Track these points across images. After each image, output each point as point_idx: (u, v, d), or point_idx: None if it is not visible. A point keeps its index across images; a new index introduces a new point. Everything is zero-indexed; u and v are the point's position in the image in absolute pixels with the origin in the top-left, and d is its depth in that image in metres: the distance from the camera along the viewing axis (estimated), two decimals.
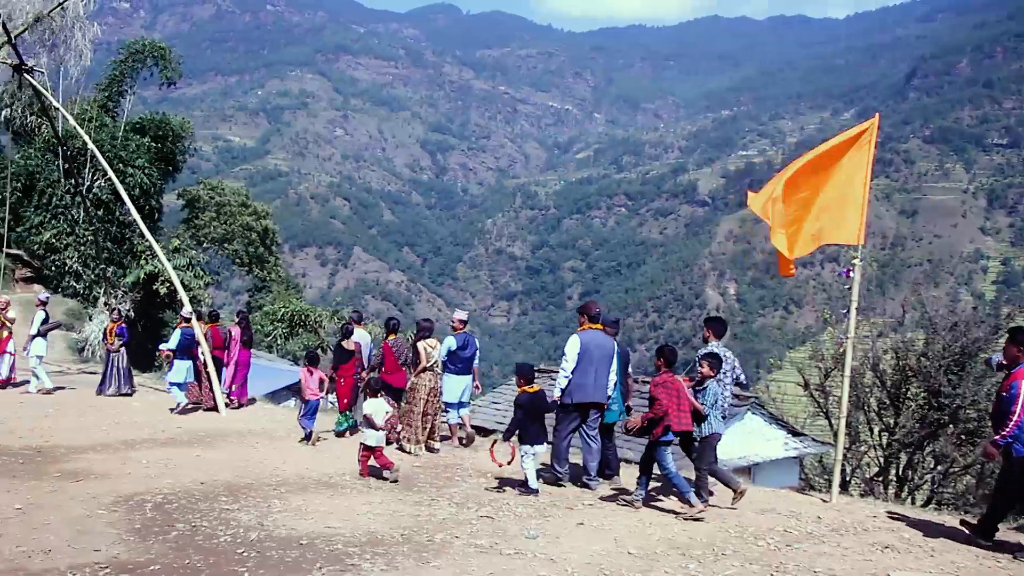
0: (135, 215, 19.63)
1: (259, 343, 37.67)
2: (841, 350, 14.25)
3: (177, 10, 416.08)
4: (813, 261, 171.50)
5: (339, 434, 13.81)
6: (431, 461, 12.15)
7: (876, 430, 16.89)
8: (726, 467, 11.46)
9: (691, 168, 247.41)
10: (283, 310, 40.50)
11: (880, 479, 16.70)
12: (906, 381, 16.46)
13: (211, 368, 15.87)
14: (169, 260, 22.69)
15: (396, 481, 10.47)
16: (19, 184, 37.46)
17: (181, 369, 15.71)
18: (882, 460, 16.73)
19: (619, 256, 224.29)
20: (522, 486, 10.09)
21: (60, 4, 20.31)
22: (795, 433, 18.70)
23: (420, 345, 12.54)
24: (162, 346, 17.03)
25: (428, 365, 12.54)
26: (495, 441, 10.67)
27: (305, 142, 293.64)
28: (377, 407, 10.96)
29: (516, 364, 10.75)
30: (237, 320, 17.18)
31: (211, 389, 15.95)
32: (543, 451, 10.20)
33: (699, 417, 9.32)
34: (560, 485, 10.53)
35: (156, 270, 35.68)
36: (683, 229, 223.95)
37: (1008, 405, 7.96)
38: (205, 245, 48.16)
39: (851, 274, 10.18)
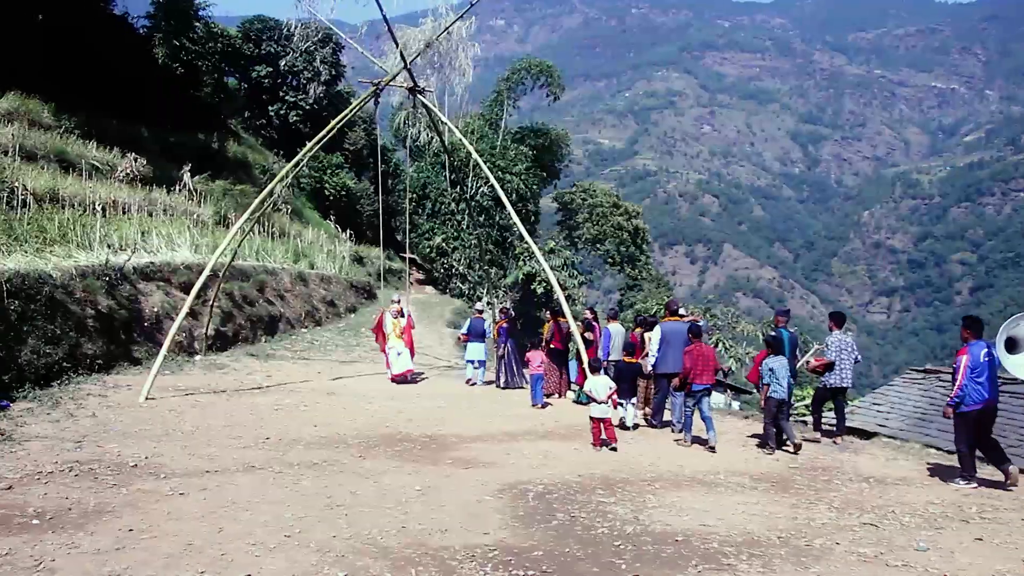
0: (515, 219, 20.70)
1: None
2: None
3: (547, 22, 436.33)
4: None
5: (576, 403, 16.62)
6: (808, 463, 11.83)
7: None
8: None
9: None
10: (655, 308, 41.10)
11: None
12: None
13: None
14: (546, 261, 23.71)
15: (615, 449, 12.13)
16: (414, 195, 41.18)
17: (473, 349, 18.99)
18: None
19: (1017, 247, 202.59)
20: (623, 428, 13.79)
21: (446, 29, 21.97)
22: None
23: (645, 336, 15.13)
24: (459, 332, 20.31)
25: (648, 351, 14.99)
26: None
27: (672, 141, 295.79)
28: (597, 384, 12.61)
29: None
30: (606, 316, 17.75)
31: (561, 380, 17.83)
32: (625, 405, 13.98)
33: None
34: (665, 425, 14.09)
35: (533, 271, 37.65)
36: None
37: (955, 375, 10.51)
38: (579, 246, 50.09)
39: None
